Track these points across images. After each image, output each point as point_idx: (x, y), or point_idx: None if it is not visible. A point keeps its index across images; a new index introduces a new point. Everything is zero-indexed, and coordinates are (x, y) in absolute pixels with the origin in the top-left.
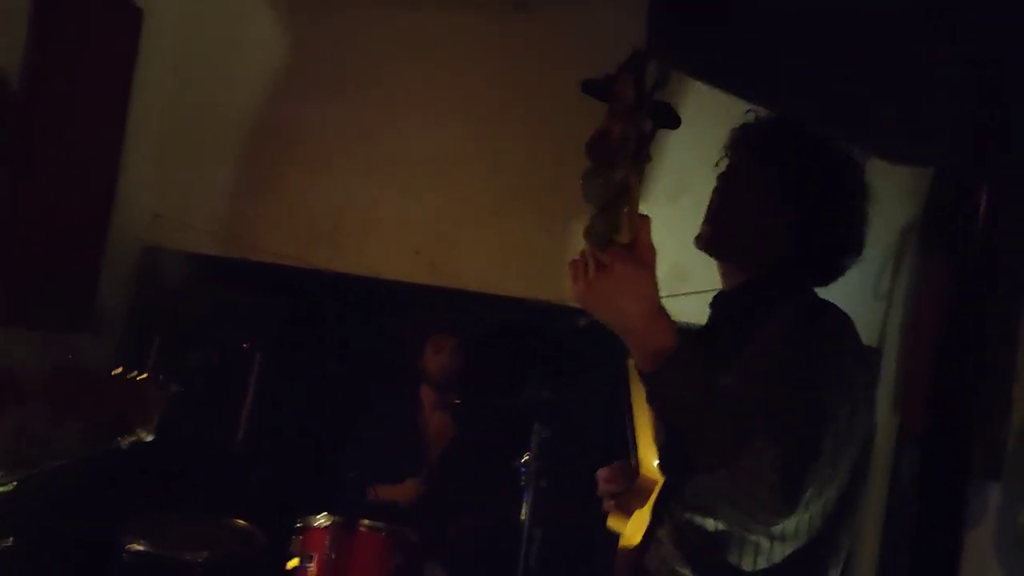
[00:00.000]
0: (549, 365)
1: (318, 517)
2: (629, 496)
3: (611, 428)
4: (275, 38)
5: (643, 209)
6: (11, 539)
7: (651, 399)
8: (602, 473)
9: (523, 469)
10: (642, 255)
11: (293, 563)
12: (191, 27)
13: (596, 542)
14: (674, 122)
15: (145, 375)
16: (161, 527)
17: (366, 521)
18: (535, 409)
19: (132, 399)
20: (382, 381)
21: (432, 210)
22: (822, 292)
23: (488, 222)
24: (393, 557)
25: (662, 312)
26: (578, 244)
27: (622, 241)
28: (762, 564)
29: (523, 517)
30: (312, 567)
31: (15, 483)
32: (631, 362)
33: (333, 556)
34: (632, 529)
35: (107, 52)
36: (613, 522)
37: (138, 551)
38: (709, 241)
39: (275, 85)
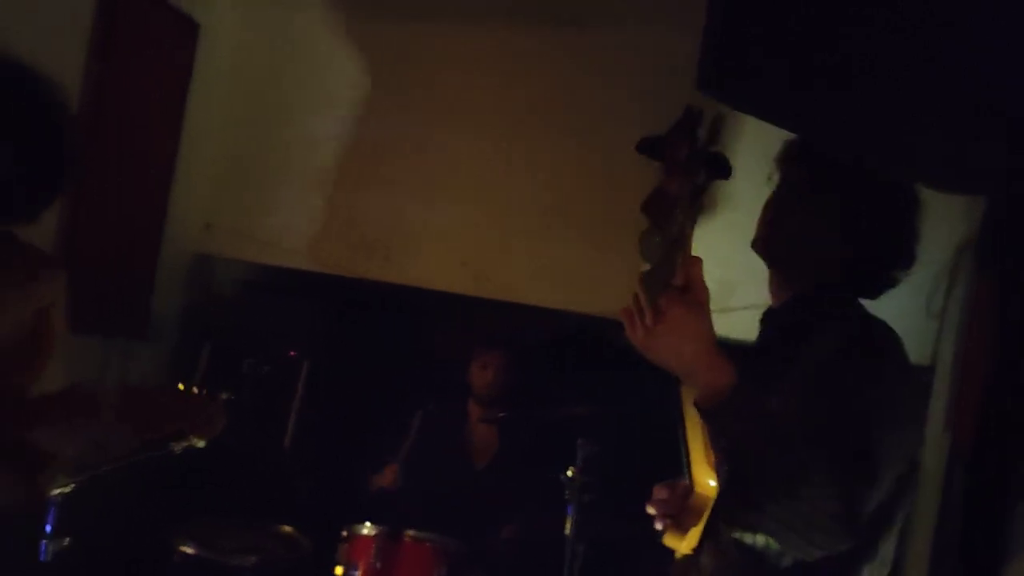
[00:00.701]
0: (595, 379)
1: (364, 525)
2: (684, 513)
3: (656, 443)
4: (329, 53)
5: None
6: (68, 539)
7: (712, 435)
8: (659, 490)
9: (567, 483)
10: (696, 296)
11: (338, 571)
12: (246, 41)
13: (639, 558)
14: (727, 172)
15: (206, 391)
16: (211, 532)
17: (411, 531)
18: (580, 423)
19: (198, 415)
20: (428, 392)
21: (480, 223)
22: (876, 307)
23: (536, 235)
24: (438, 568)
25: (719, 351)
26: (625, 259)
27: (676, 284)
28: (798, 571)
29: (567, 531)
30: (357, 575)
31: (73, 485)
32: (684, 388)
33: (378, 565)
34: (687, 546)
35: (164, 65)
36: (669, 540)
37: (189, 554)
38: (766, 244)
39: (327, 99)
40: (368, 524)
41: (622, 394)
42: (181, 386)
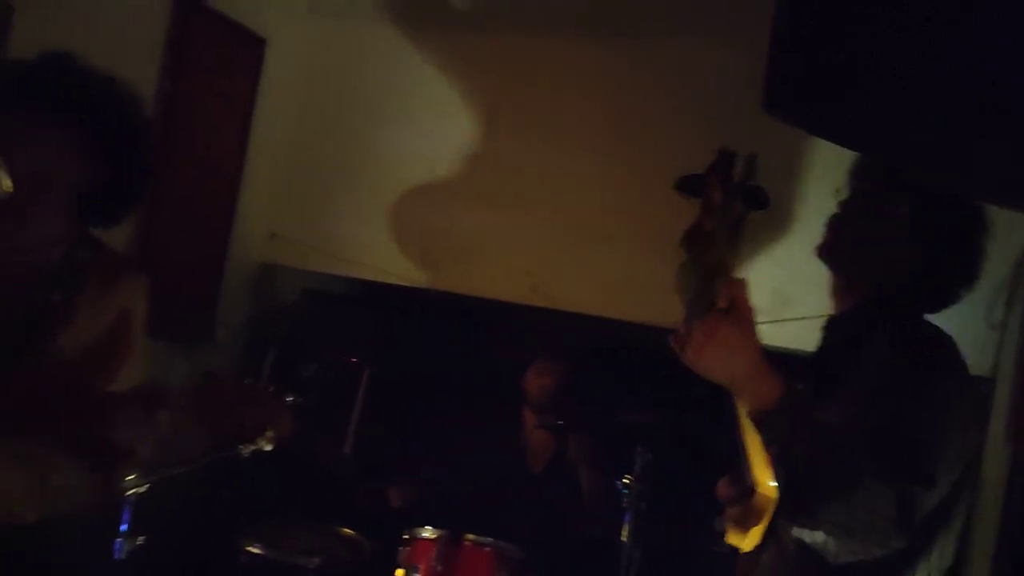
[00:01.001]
0: (652, 388)
1: (424, 529)
2: (746, 512)
3: (712, 452)
4: (391, 65)
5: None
6: (142, 538)
7: (764, 443)
8: (722, 486)
9: (624, 491)
10: (741, 315)
11: (399, 574)
12: (311, 56)
13: (694, 565)
14: (765, 204)
15: (274, 388)
16: (276, 532)
17: (471, 535)
18: (637, 431)
19: (268, 409)
20: (485, 399)
21: (539, 233)
22: (937, 318)
23: (595, 246)
24: (498, 572)
25: (766, 364)
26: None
27: (721, 306)
28: (857, 568)
29: (623, 538)
30: None
31: (147, 485)
32: None
33: (439, 568)
34: (749, 544)
35: (232, 79)
36: (732, 538)
37: (255, 554)
38: (832, 250)
39: (388, 111)
40: (429, 528)
41: (678, 403)
42: (251, 383)
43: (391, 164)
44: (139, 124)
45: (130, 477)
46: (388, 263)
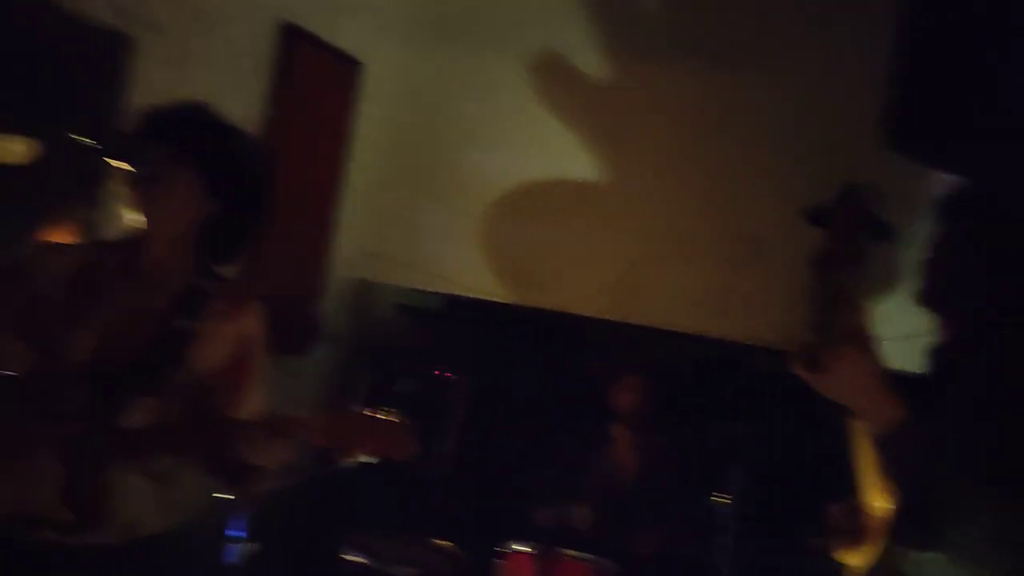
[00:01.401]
0: (742, 404)
1: (522, 543)
2: (858, 532)
3: (804, 466)
4: (482, 88)
5: None
6: (257, 544)
7: (885, 465)
8: (833, 509)
9: (716, 506)
10: (864, 341)
11: None
12: (406, 79)
13: None
14: (891, 236)
15: (395, 415)
16: (375, 543)
17: (568, 550)
18: (731, 447)
19: (390, 439)
20: (575, 413)
21: (626, 250)
22: None
23: (680, 262)
24: None
25: (888, 386)
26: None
27: (846, 332)
28: None
29: (716, 553)
30: None
31: (262, 494)
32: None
33: None
34: (860, 563)
35: (331, 103)
36: (844, 556)
37: (357, 564)
38: (929, 299)
39: (480, 132)
40: (526, 543)
41: (762, 418)
42: (374, 411)
43: (483, 184)
44: (259, 170)
45: (257, 491)
46: (479, 280)
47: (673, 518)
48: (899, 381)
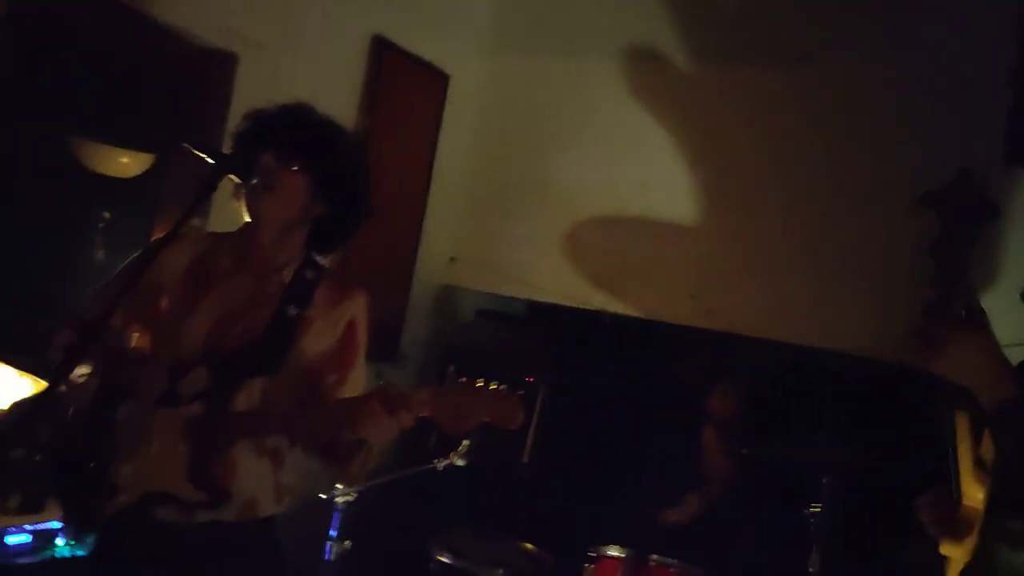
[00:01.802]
0: (837, 414)
1: (611, 548)
2: (957, 524)
3: (900, 478)
4: (565, 96)
5: None
6: (349, 542)
7: (996, 438)
8: (923, 501)
9: (812, 519)
10: (977, 320)
11: None
12: (490, 89)
13: None
14: (997, 214)
15: (504, 386)
16: (463, 543)
17: (656, 556)
18: (825, 458)
19: (500, 407)
20: (661, 420)
21: (706, 258)
22: None
23: (764, 269)
24: None
25: (1005, 365)
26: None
27: (958, 312)
28: None
29: (810, 568)
30: None
31: (356, 493)
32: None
33: None
34: (962, 556)
35: (419, 111)
36: (946, 548)
37: (444, 563)
38: None
39: (562, 139)
40: (615, 546)
41: (854, 427)
42: (480, 382)
43: (565, 190)
44: (363, 169)
45: (339, 487)
46: (561, 286)
47: (764, 526)
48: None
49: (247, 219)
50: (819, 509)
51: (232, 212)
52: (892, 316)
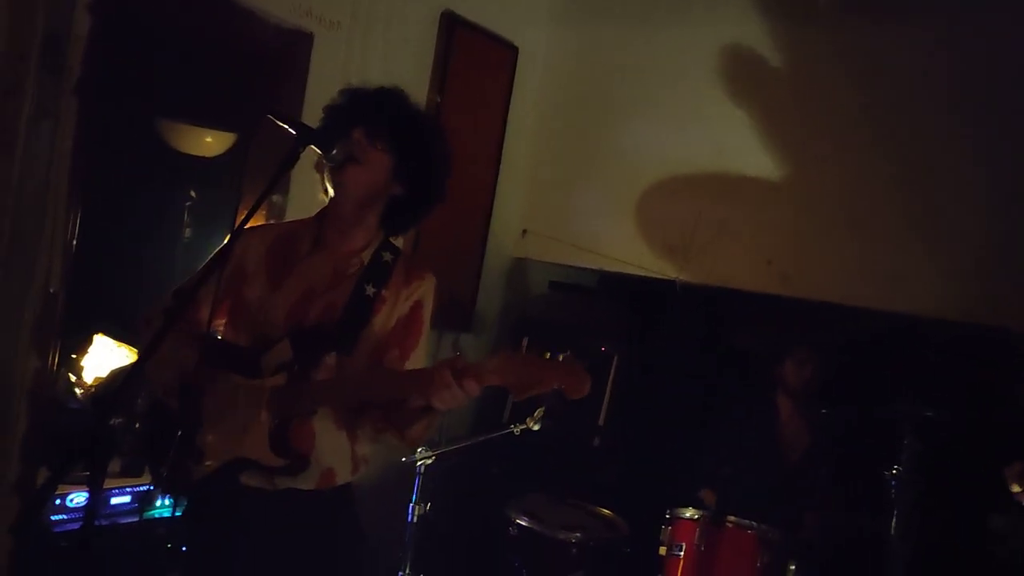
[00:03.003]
0: (917, 378)
1: (687, 509)
2: None
3: (981, 441)
4: (633, 66)
5: None
6: (429, 504)
7: None
8: (1012, 469)
9: (892, 481)
10: None
11: (662, 551)
12: (559, 60)
13: (964, 561)
14: None
15: (572, 355)
16: (540, 507)
17: (734, 517)
18: (906, 417)
19: (568, 376)
20: (735, 386)
21: (785, 223)
22: None
23: (842, 234)
24: (760, 554)
25: None
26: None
27: None
28: None
29: (892, 530)
30: (681, 556)
31: (434, 456)
32: None
33: (702, 548)
34: None
35: (489, 85)
36: None
37: (523, 526)
38: None
39: (632, 109)
40: (691, 508)
41: (934, 392)
42: (548, 354)
43: (635, 160)
44: (444, 157)
45: (421, 450)
46: (633, 256)
47: (843, 489)
48: None
49: (325, 200)
50: (899, 471)
51: (312, 191)
52: (970, 278)
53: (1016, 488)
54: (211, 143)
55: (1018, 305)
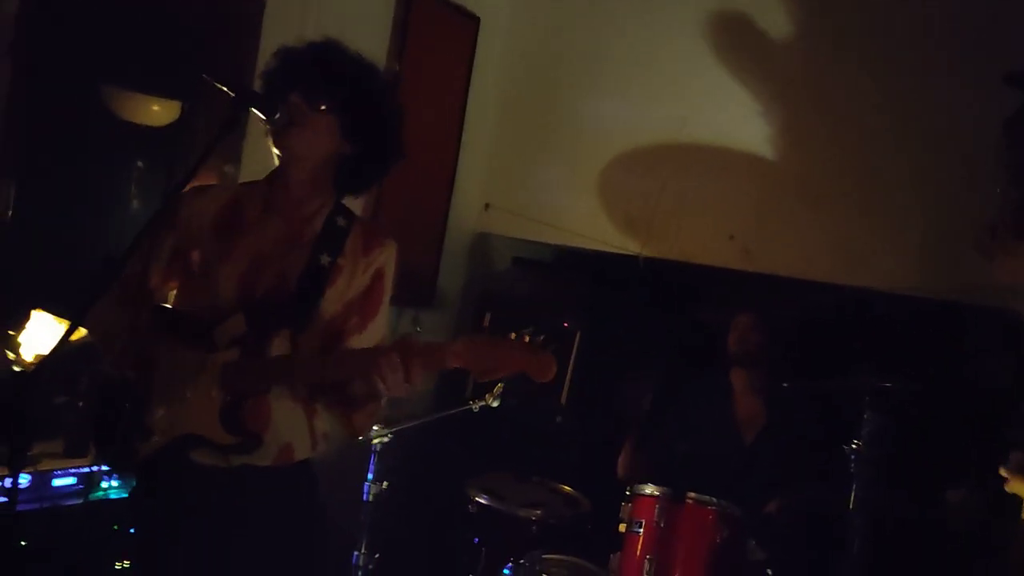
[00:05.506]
0: (879, 353)
1: (647, 486)
2: None
3: (939, 417)
4: (595, 38)
5: None
6: (386, 483)
7: None
8: (1011, 464)
9: (852, 456)
10: None
11: (622, 528)
12: (519, 33)
13: (922, 535)
14: None
15: (540, 339)
16: (499, 485)
17: (693, 494)
18: (866, 390)
19: (533, 360)
20: (693, 363)
21: (747, 197)
22: None
23: (804, 209)
24: (719, 531)
25: None
26: (893, 232)
27: None
28: None
29: (850, 505)
30: (641, 532)
31: (391, 434)
32: None
33: (661, 524)
34: None
35: (449, 57)
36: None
37: (482, 504)
38: None
39: (594, 82)
40: (651, 485)
41: (902, 366)
42: (514, 335)
43: (597, 134)
44: (393, 107)
45: (376, 428)
46: (596, 231)
47: (802, 464)
48: None
49: (276, 162)
50: (858, 446)
51: (266, 161)
52: (938, 255)
53: (1014, 484)
54: (158, 111)
55: (972, 279)
